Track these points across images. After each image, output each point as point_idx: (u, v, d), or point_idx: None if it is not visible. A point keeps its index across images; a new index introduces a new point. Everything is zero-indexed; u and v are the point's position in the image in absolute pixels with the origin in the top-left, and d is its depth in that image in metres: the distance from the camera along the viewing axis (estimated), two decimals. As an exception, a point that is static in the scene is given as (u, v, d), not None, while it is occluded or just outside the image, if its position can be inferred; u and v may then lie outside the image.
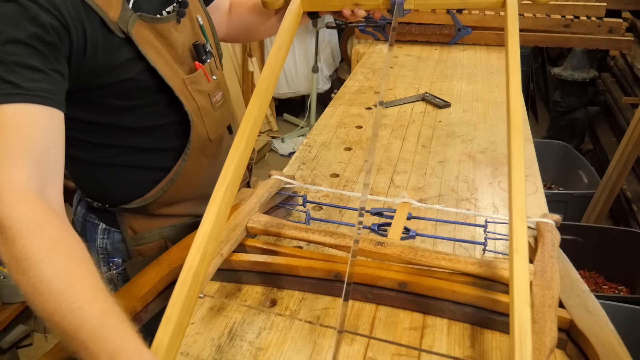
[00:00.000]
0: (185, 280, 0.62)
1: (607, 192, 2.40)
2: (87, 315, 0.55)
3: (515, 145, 0.73)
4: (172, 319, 0.59)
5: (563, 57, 3.67)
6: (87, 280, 0.59)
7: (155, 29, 0.86)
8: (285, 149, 3.69)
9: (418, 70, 1.94)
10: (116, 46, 0.80)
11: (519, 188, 0.68)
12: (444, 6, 0.98)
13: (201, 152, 0.97)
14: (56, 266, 0.58)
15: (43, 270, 0.58)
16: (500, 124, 1.49)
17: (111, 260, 1.00)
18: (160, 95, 0.88)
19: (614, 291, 2.09)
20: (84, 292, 0.57)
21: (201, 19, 0.98)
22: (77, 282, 0.58)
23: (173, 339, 0.58)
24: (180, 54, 0.91)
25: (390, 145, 1.37)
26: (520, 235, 0.64)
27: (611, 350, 0.66)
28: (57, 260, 0.59)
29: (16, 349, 2.10)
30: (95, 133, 0.89)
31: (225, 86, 1.05)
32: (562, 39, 2.24)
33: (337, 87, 3.41)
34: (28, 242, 0.59)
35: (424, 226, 1.02)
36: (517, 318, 0.57)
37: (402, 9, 0.98)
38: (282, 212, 1.05)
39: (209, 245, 0.66)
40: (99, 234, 0.99)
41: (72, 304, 0.56)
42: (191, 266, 0.63)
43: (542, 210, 1.08)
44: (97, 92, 0.83)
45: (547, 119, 3.73)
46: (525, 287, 0.60)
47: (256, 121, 0.77)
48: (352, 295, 0.82)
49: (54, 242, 0.60)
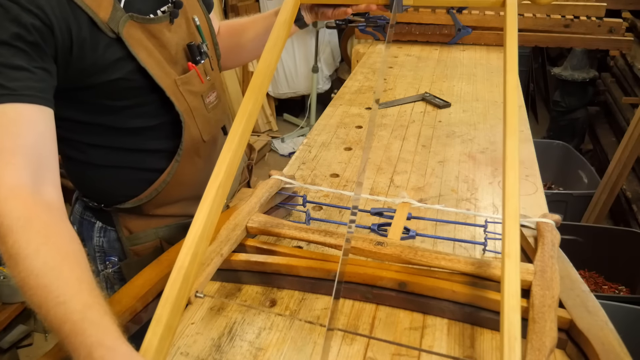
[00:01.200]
0: (176, 281, 0.61)
1: (607, 192, 2.40)
2: (69, 309, 0.57)
3: (510, 147, 0.72)
4: (162, 320, 0.59)
5: (563, 57, 3.67)
6: (74, 273, 0.61)
7: (147, 29, 0.85)
8: (285, 149, 3.69)
9: (418, 70, 1.94)
10: (106, 46, 0.80)
11: (512, 191, 0.68)
12: (444, 4, 0.98)
13: (195, 152, 0.97)
14: (42, 260, 0.60)
15: (31, 264, 0.60)
16: (500, 124, 1.49)
17: (107, 259, 1.00)
18: (151, 95, 0.88)
19: (614, 291, 2.09)
20: (68, 286, 0.59)
21: (198, 19, 0.97)
22: (62, 276, 0.59)
23: (162, 340, 0.58)
24: (173, 55, 0.91)
25: (390, 145, 1.37)
26: (513, 239, 0.64)
27: (611, 350, 0.66)
28: (44, 254, 0.61)
29: (16, 349, 2.10)
30: (87, 133, 0.89)
31: (220, 87, 1.05)
32: (562, 39, 2.24)
33: (337, 87, 3.41)
34: (18, 237, 0.61)
35: (424, 226, 1.02)
36: (507, 324, 0.58)
37: (401, 4, 0.96)
38: (282, 212, 1.05)
39: (199, 246, 0.65)
40: (96, 232, 1.00)
41: (57, 298, 0.57)
42: (181, 267, 0.63)
43: (542, 210, 1.08)
44: (88, 92, 0.83)
45: (547, 119, 3.73)
46: (516, 292, 0.60)
47: (250, 116, 0.75)
48: (352, 295, 0.82)
49: (42, 237, 0.62)
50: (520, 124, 1.51)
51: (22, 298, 0.63)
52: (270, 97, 4.02)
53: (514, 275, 0.61)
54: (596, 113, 3.47)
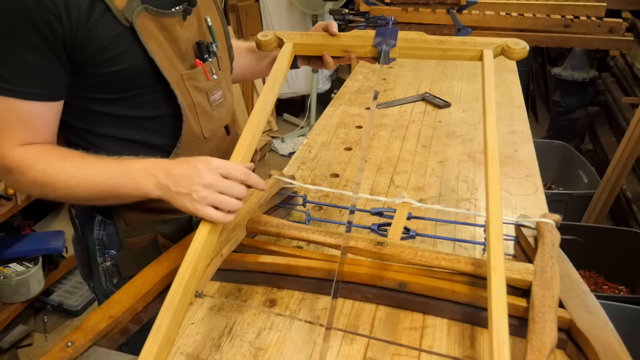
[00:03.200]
0: (176, 293, 0.66)
1: (607, 192, 2.40)
2: (111, 169, 0.82)
3: (492, 175, 0.78)
4: (162, 329, 0.62)
5: (563, 57, 3.67)
6: (92, 158, 0.84)
7: (160, 22, 0.88)
8: (285, 149, 3.69)
9: (418, 70, 1.94)
10: (118, 34, 0.82)
11: (496, 215, 0.74)
12: (426, 57, 1.10)
13: (195, 148, 0.97)
14: (70, 166, 0.82)
15: (64, 174, 0.81)
16: (500, 124, 1.49)
17: (107, 252, 1.01)
18: (156, 87, 0.90)
19: (614, 291, 2.09)
20: (97, 164, 0.83)
21: (210, 20, 1.00)
22: (90, 165, 0.82)
23: (161, 349, 0.61)
24: (183, 50, 0.93)
25: (390, 145, 1.37)
26: (498, 255, 0.69)
27: (611, 350, 0.66)
28: (68, 164, 0.82)
29: (16, 349, 2.11)
30: (89, 120, 0.90)
31: (227, 88, 1.06)
32: (562, 39, 2.24)
33: (337, 87, 3.41)
34: (43, 165, 0.81)
35: (424, 226, 1.02)
36: (495, 329, 0.60)
37: (388, 57, 1.05)
38: (282, 212, 1.05)
39: (199, 262, 0.71)
40: (96, 226, 1.00)
41: (100, 175, 0.81)
42: (182, 280, 0.68)
43: (542, 210, 1.08)
44: (94, 80, 0.85)
45: (547, 119, 3.73)
46: (503, 301, 0.63)
47: (248, 149, 0.84)
48: (352, 295, 0.82)
49: (60, 157, 0.82)
50: (520, 124, 1.50)
51: (23, 299, 0.65)
52: (270, 97, 4.02)
53: (501, 288, 0.65)
54: (596, 113, 3.47)
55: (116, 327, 0.74)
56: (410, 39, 1.05)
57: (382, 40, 1.05)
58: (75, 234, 1.05)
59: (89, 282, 1.08)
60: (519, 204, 1.11)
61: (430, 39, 1.04)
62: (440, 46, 1.04)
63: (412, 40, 1.05)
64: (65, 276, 2.38)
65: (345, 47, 1.07)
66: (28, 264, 2.13)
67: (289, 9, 3.79)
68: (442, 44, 1.04)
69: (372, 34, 1.07)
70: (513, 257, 0.91)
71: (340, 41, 1.07)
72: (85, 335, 0.70)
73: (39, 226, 2.44)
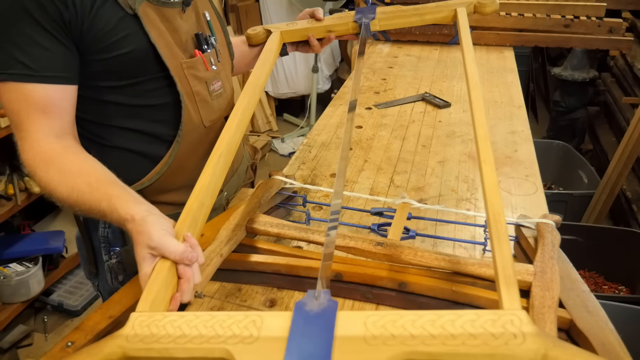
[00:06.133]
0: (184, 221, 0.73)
1: (607, 192, 2.40)
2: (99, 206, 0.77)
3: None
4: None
5: (563, 57, 3.67)
6: (88, 184, 0.80)
7: (161, 12, 0.91)
8: (285, 149, 3.69)
9: (418, 70, 1.94)
10: (122, 18, 0.85)
11: (490, 174, 0.71)
12: (404, 25, 1.19)
13: (197, 138, 0.98)
14: (65, 188, 0.79)
15: (59, 190, 0.79)
16: (500, 124, 1.49)
17: (112, 249, 1.01)
18: (159, 74, 0.91)
19: (614, 291, 2.09)
20: (92, 191, 0.79)
21: (209, 15, 1.03)
22: (85, 191, 0.79)
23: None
24: (183, 41, 0.95)
25: (390, 145, 1.37)
26: (496, 205, 0.67)
27: (611, 350, 0.66)
28: (64, 185, 0.79)
29: (16, 349, 2.11)
30: (91, 110, 0.91)
31: (227, 80, 1.08)
32: (562, 39, 2.24)
33: (337, 87, 3.41)
34: (44, 173, 0.80)
35: (424, 226, 1.02)
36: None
37: (369, 29, 1.14)
38: (282, 212, 1.05)
39: (206, 197, 0.76)
40: (101, 223, 1.00)
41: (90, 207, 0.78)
42: (190, 209, 0.74)
43: (542, 210, 1.08)
44: (95, 67, 0.87)
45: (547, 119, 3.73)
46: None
47: (245, 111, 0.87)
48: (352, 295, 0.82)
49: (58, 171, 0.80)
50: (520, 124, 1.51)
51: (23, 299, 0.64)
52: (270, 97, 4.02)
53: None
54: (596, 113, 3.47)
55: (116, 327, 0.74)
56: (388, 11, 1.15)
57: (362, 15, 1.15)
58: (79, 232, 1.05)
59: (94, 280, 1.09)
60: (518, 204, 1.11)
61: (406, 7, 1.15)
62: (416, 12, 1.15)
63: (390, 12, 1.15)
64: (65, 276, 2.38)
65: (329, 27, 1.15)
66: (28, 264, 2.13)
67: (289, 9, 3.79)
68: (417, 10, 1.15)
69: (353, 13, 1.17)
70: (513, 257, 0.91)
71: (324, 23, 1.16)
72: (85, 335, 0.70)
73: (39, 226, 2.44)
